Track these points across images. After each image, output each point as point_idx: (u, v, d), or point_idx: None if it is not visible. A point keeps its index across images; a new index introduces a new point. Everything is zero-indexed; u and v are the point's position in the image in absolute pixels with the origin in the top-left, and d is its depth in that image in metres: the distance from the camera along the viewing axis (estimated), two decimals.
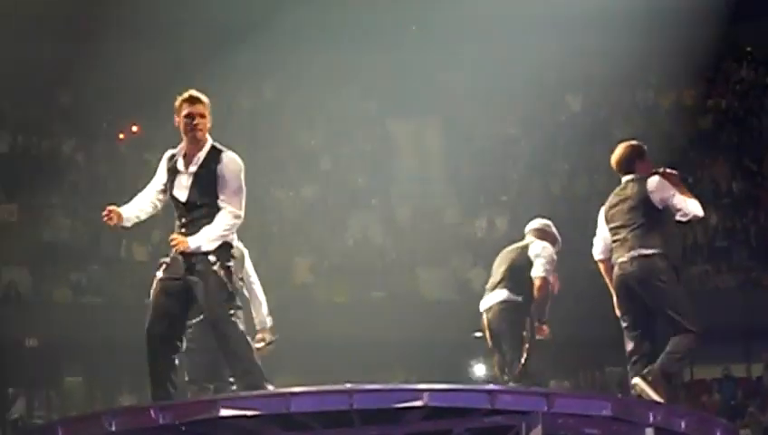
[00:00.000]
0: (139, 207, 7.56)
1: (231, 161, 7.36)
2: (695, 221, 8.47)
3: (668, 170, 8.41)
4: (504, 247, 9.91)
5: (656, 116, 23.11)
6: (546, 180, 22.34)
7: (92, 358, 19.64)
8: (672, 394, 8.09)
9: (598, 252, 8.56)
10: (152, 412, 7.10)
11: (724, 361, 20.51)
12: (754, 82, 24.02)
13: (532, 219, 10.06)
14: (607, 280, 8.50)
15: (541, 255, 9.53)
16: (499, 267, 9.60)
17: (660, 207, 8.27)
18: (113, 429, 7.15)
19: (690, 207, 8.24)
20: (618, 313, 8.41)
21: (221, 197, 7.32)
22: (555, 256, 9.62)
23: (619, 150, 8.52)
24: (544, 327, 9.53)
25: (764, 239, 21.36)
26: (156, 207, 7.54)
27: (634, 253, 8.25)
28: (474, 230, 21.48)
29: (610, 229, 8.44)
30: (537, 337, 9.45)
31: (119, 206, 7.58)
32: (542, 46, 21.92)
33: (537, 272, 9.43)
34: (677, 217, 8.27)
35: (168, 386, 7.36)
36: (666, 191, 8.26)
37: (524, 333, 9.37)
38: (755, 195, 22.17)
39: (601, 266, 8.57)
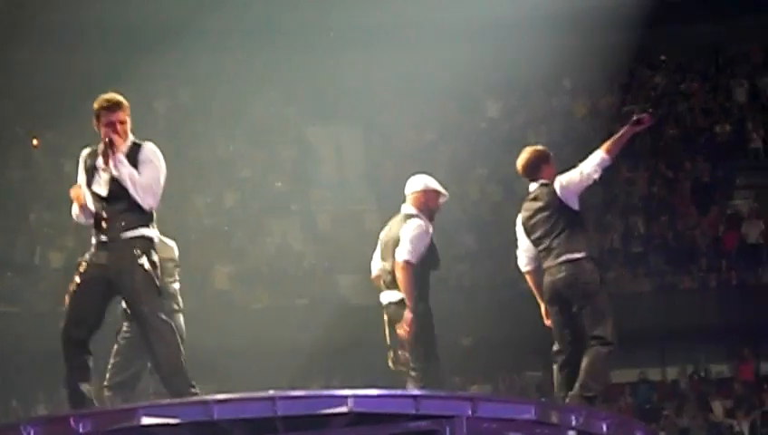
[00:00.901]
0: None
1: (150, 150, 7.35)
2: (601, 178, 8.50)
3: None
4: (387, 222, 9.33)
5: (572, 121, 23.35)
6: (465, 186, 22.46)
7: (8, 366, 19.32)
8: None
9: (523, 264, 8.60)
10: (72, 421, 6.99)
11: (641, 364, 20.77)
12: (668, 88, 24.37)
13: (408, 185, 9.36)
14: (535, 291, 8.55)
15: (406, 234, 8.87)
16: (386, 259, 9.03)
17: (576, 206, 8.36)
18: None
19: (591, 167, 8.33)
20: (546, 321, 8.46)
21: (138, 169, 7.25)
22: (425, 228, 8.96)
23: (524, 155, 8.59)
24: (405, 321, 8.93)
25: (680, 244, 21.67)
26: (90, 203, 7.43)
27: (562, 258, 8.33)
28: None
29: (533, 240, 8.49)
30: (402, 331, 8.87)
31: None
32: (461, 52, 22.04)
33: (399, 255, 8.84)
34: (594, 179, 8.35)
35: (83, 390, 7.27)
36: (572, 184, 8.35)
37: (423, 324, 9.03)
38: (671, 201, 22.49)
39: (528, 278, 8.61)
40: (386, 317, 8.94)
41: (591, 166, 8.37)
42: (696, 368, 21.01)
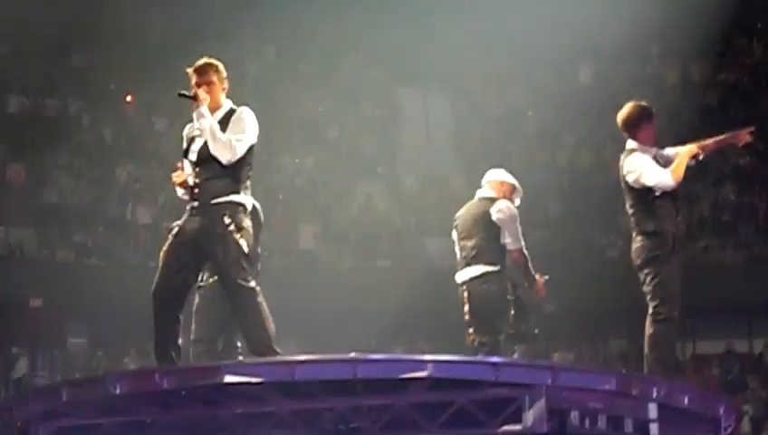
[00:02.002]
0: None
1: (242, 112, 7.41)
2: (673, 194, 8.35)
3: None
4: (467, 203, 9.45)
5: (663, 89, 23.02)
6: (553, 152, 22.31)
7: (96, 319, 19.69)
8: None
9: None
10: (156, 377, 7.11)
11: (728, 336, 20.53)
12: (764, 57, 23.90)
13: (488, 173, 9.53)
14: None
15: (505, 221, 9.08)
16: (469, 237, 9.18)
17: (639, 185, 8.25)
18: (117, 392, 7.17)
19: (655, 181, 8.19)
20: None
21: (228, 129, 7.31)
22: (516, 210, 9.17)
23: (627, 109, 8.42)
24: (539, 286, 9.20)
25: None
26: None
27: (634, 230, 8.30)
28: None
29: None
30: (535, 298, 9.19)
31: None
32: (552, 17, 21.83)
33: (510, 245, 9.08)
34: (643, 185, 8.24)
35: (172, 348, 7.38)
36: (634, 171, 8.21)
37: (509, 298, 9.14)
38: (763, 171, 22.12)
39: None
40: (465, 294, 8.98)
41: (654, 178, 8.16)
42: None
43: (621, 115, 8.40)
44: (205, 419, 7.33)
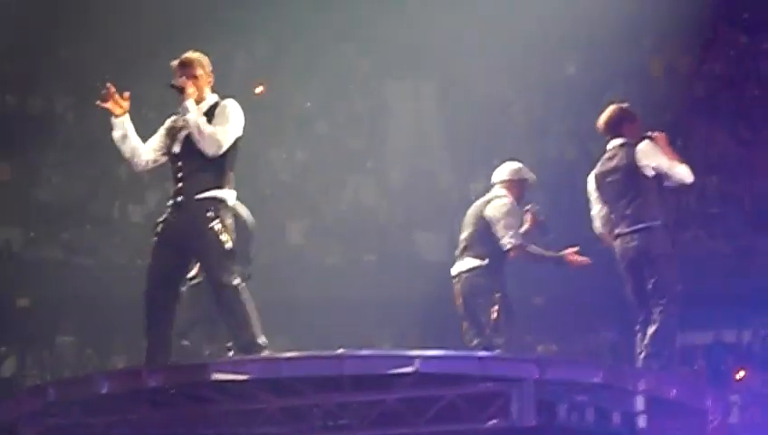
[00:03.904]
0: (140, 142, 7.53)
1: (226, 105, 7.43)
2: (684, 188, 8.44)
3: (656, 134, 8.37)
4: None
5: (649, 81, 23.05)
6: (541, 143, 22.31)
7: (85, 318, 19.66)
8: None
9: (598, 226, 8.58)
10: (144, 375, 7.14)
11: (715, 327, 20.57)
12: (750, 47, 23.93)
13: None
14: (612, 248, 8.51)
15: (498, 219, 9.16)
16: (464, 230, 9.33)
17: (652, 173, 8.26)
18: (105, 390, 7.19)
19: (679, 173, 8.23)
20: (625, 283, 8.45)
21: (212, 122, 7.32)
22: (514, 207, 9.25)
23: (607, 113, 8.48)
24: (571, 260, 9.22)
25: (758, 206, 21.37)
26: (149, 156, 7.51)
27: (635, 226, 8.29)
28: (468, 193, 21.45)
29: (606, 202, 8.45)
30: (570, 258, 9.17)
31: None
32: (540, 6, 21.81)
33: (506, 243, 9.14)
34: (666, 184, 8.27)
35: (163, 347, 7.40)
36: (655, 158, 8.25)
37: (496, 295, 9.20)
38: (750, 162, 22.17)
39: (604, 239, 8.58)
40: (458, 287, 9.05)
41: (680, 171, 8.21)
42: None
43: (601, 121, 8.46)
44: (193, 416, 7.35)
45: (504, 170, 9.43)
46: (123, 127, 7.44)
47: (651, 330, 8.10)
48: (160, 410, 7.29)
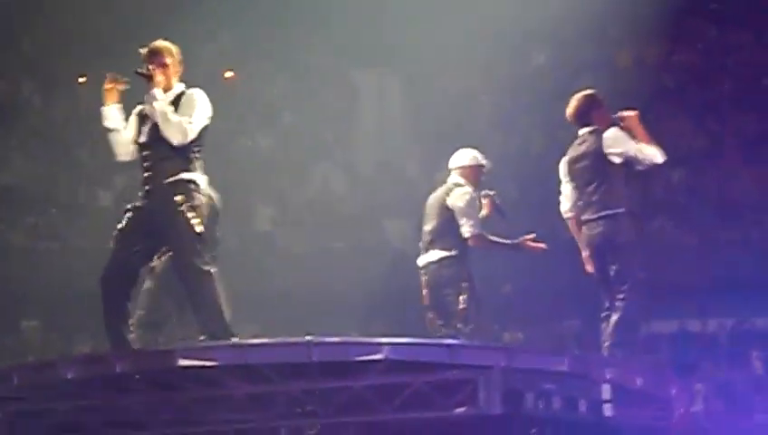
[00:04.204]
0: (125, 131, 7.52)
1: (193, 93, 7.41)
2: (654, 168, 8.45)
3: (626, 113, 8.39)
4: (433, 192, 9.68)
5: (617, 72, 23.12)
6: (506, 136, 22.35)
7: (50, 302, 19.56)
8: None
9: (565, 209, 8.62)
10: (111, 360, 7.11)
11: (680, 316, 20.69)
12: (719, 40, 24.04)
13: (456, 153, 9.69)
14: (576, 236, 8.54)
15: (459, 207, 9.29)
16: (428, 222, 9.40)
17: (619, 161, 8.30)
18: (69, 376, 7.16)
19: (648, 155, 8.25)
20: (587, 267, 8.48)
21: (179, 112, 7.31)
22: (473, 196, 9.38)
23: (574, 102, 8.52)
24: (527, 244, 9.34)
25: (724, 198, 21.51)
26: (129, 148, 7.51)
27: (601, 213, 8.31)
28: (434, 185, 21.49)
29: (574, 187, 8.48)
30: (527, 244, 9.27)
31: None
32: None
33: (465, 232, 9.26)
34: (638, 167, 8.29)
35: (124, 331, 7.38)
36: (622, 144, 8.28)
37: (464, 285, 9.29)
38: (716, 154, 22.29)
39: (570, 224, 8.61)
40: (424, 279, 9.10)
41: (648, 152, 8.23)
42: (738, 321, 20.91)
43: (569, 110, 8.48)
44: (159, 403, 7.32)
45: (461, 157, 9.56)
46: (115, 117, 7.40)
47: (614, 318, 8.15)
48: (127, 396, 7.27)
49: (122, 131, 7.48)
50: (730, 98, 22.87)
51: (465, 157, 9.48)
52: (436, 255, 9.23)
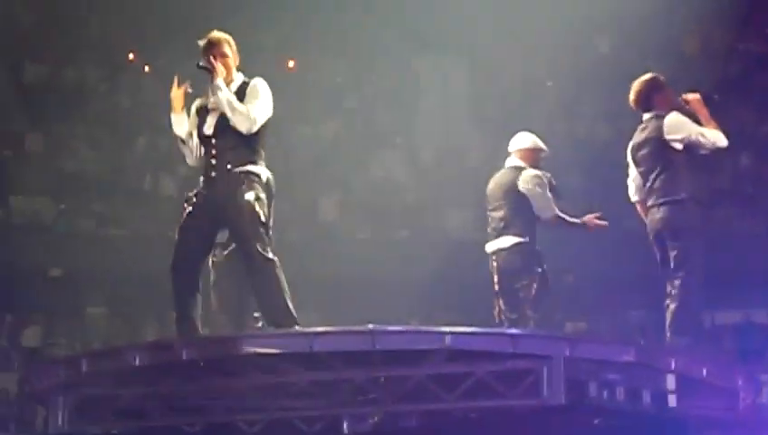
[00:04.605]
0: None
1: (255, 83, 7.46)
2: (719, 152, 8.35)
3: (689, 96, 8.31)
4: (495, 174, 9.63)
5: (684, 59, 22.88)
6: (573, 123, 22.22)
7: (115, 289, 19.77)
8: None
9: (632, 193, 8.59)
10: (176, 348, 7.17)
11: (746, 306, 20.48)
12: None
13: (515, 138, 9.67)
14: (646, 220, 8.51)
15: (534, 192, 9.25)
16: (496, 208, 9.32)
17: (680, 146, 8.24)
18: (137, 363, 7.23)
19: (710, 139, 8.18)
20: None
21: (244, 101, 7.35)
22: (545, 179, 9.36)
23: (636, 86, 8.47)
24: (591, 224, 9.34)
25: None
26: (196, 151, 7.56)
27: (662, 199, 8.26)
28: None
29: (640, 172, 8.44)
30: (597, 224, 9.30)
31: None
32: None
33: (544, 215, 9.25)
34: (702, 152, 8.23)
35: (193, 319, 7.43)
36: (682, 130, 8.22)
37: (538, 270, 9.28)
38: None
39: (638, 208, 8.58)
40: (494, 265, 9.08)
41: (712, 136, 8.13)
42: None
43: (631, 96, 8.44)
44: (224, 389, 7.38)
45: (522, 139, 9.52)
46: (183, 125, 7.43)
47: (674, 306, 8.08)
48: (191, 383, 7.32)
49: (190, 141, 7.52)
50: None
51: (526, 140, 9.45)
52: (508, 241, 9.19)
